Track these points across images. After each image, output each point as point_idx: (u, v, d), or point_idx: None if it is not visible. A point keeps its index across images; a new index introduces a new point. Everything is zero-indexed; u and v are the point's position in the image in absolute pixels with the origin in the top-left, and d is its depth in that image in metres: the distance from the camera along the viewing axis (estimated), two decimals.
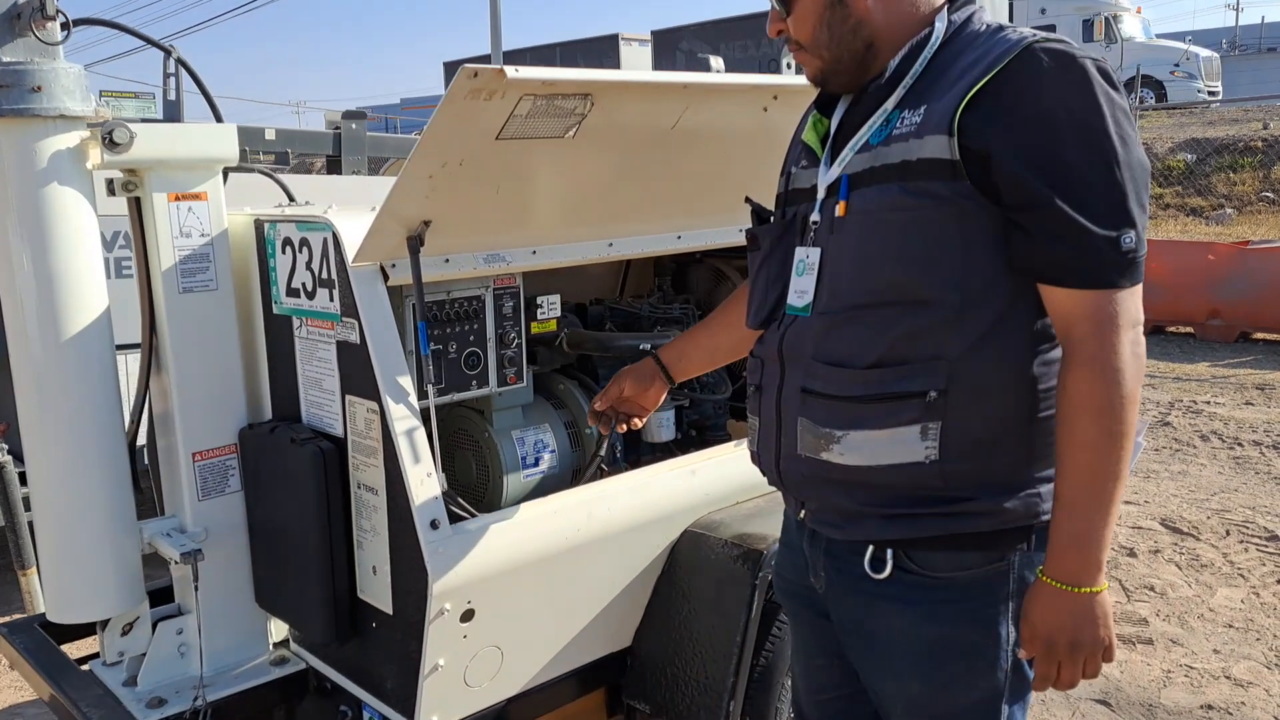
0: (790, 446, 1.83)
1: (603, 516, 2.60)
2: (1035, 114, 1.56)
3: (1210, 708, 3.79)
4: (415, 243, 2.34)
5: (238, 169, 2.73)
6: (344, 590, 2.52)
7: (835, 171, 1.79)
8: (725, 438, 3.64)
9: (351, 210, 2.52)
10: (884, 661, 1.84)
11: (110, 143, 2.39)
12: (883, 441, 1.69)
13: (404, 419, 2.34)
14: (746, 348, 2.29)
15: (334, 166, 6.25)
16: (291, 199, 3.00)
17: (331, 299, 2.44)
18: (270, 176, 3.06)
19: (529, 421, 3.14)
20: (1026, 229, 1.59)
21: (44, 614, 2.72)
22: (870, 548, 1.78)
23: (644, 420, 2.49)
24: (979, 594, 1.73)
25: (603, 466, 3.17)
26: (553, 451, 3.15)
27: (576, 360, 3.34)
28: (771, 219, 2.03)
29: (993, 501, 1.69)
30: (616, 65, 17.35)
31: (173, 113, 5.67)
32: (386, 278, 2.41)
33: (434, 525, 2.32)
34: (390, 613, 2.45)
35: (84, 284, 2.46)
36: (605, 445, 3.16)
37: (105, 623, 2.67)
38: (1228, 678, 4.00)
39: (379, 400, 2.35)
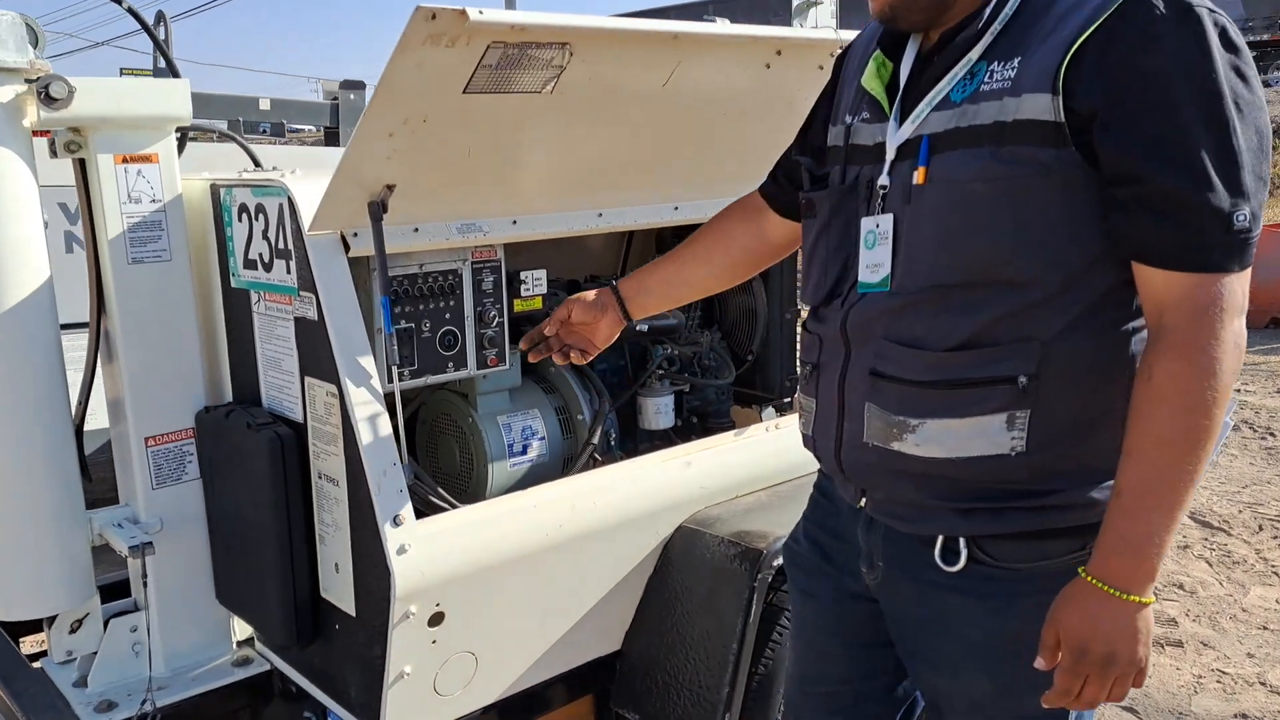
0: (855, 434, 1.69)
1: (587, 511, 2.39)
2: (1143, 72, 1.38)
3: (1244, 716, 3.55)
4: (377, 209, 2.12)
5: (192, 129, 2.51)
6: (305, 588, 2.32)
7: (908, 130, 1.61)
8: (729, 425, 3.42)
9: (315, 174, 2.30)
10: (947, 658, 1.70)
11: (47, 98, 2.18)
12: (964, 432, 1.56)
13: (365, 403, 2.13)
14: (717, 285, 2.18)
15: (332, 138, 6.04)
16: (257, 164, 2.78)
17: (289, 271, 2.23)
18: (232, 138, 2.84)
19: (516, 406, 2.92)
20: (1126, 202, 1.43)
21: None
22: (941, 539, 1.65)
23: (589, 357, 2.31)
24: (1059, 587, 1.56)
25: (596, 455, 2.96)
26: (542, 439, 2.93)
27: None
28: (828, 177, 1.81)
29: (1079, 493, 1.55)
30: None
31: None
32: (348, 248, 2.19)
33: (397, 521, 2.11)
34: (353, 614, 2.24)
35: (20, 256, 2.25)
36: (599, 433, 2.95)
37: (53, 619, 2.48)
38: (1263, 684, 3.76)
39: (338, 383, 2.13)
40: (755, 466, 2.74)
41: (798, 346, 1.93)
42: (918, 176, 1.57)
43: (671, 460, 2.60)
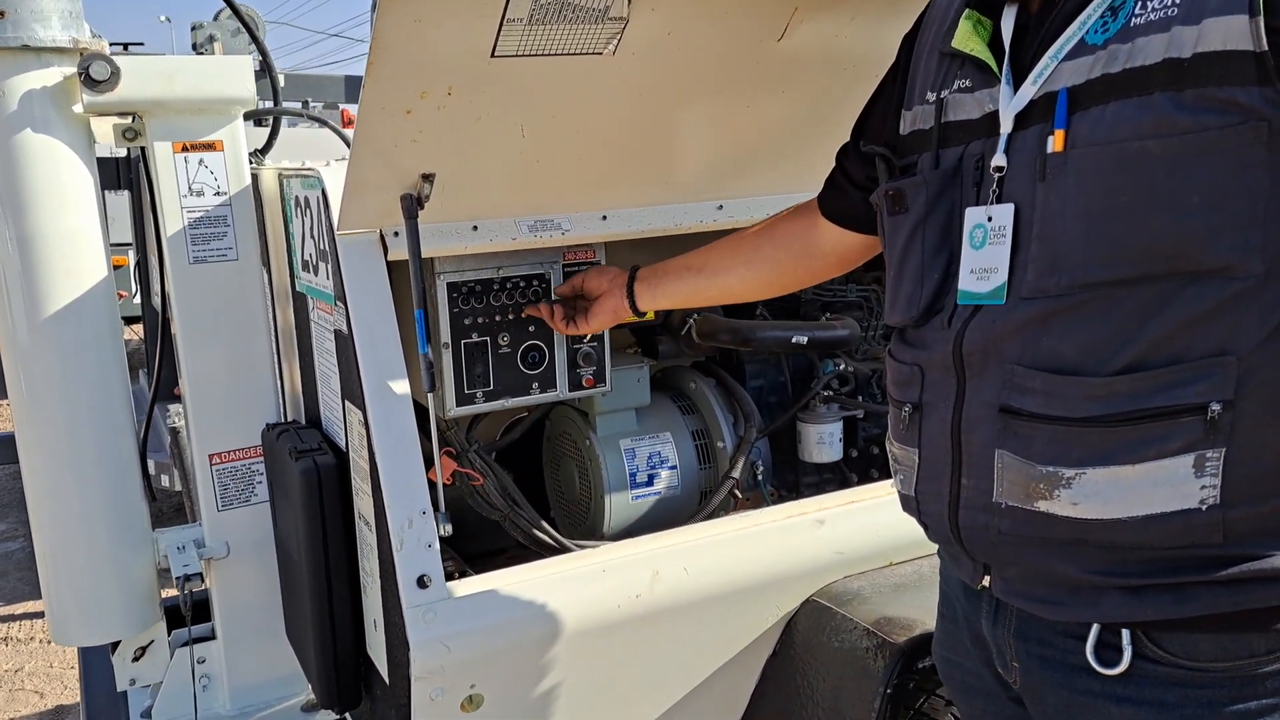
0: (980, 492, 1.34)
1: (676, 579, 1.91)
2: None
3: None
4: (411, 203, 1.74)
5: (261, 113, 2.25)
6: (348, 644, 2.00)
7: (1030, 90, 1.28)
8: None
9: None
10: None
11: (88, 79, 1.96)
12: (1137, 482, 1.21)
13: (392, 437, 1.76)
14: (751, 290, 1.90)
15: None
16: None
17: (328, 276, 1.90)
18: (323, 122, 2.57)
19: (644, 429, 2.49)
20: None
21: None
22: (1095, 629, 1.28)
23: (581, 331, 2.01)
24: (1267, 693, 1.23)
25: (737, 491, 2.48)
26: (673, 468, 2.49)
27: (717, 354, 2.64)
28: (916, 168, 1.45)
29: None
30: None
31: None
32: (387, 250, 1.83)
33: (422, 582, 1.73)
34: (387, 683, 1.90)
35: (73, 250, 2.07)
36: (741, 464, 2.46)
37: (117, 645, 2.32)
38: None
39: (364, 410, 1.78)
40: (916, 528, 2.15)
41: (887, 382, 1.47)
42: (1054, 143, 1.22)
43: (798, 516, 2.07)
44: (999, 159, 1.30)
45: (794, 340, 2.49)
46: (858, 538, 2.10)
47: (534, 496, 2.33)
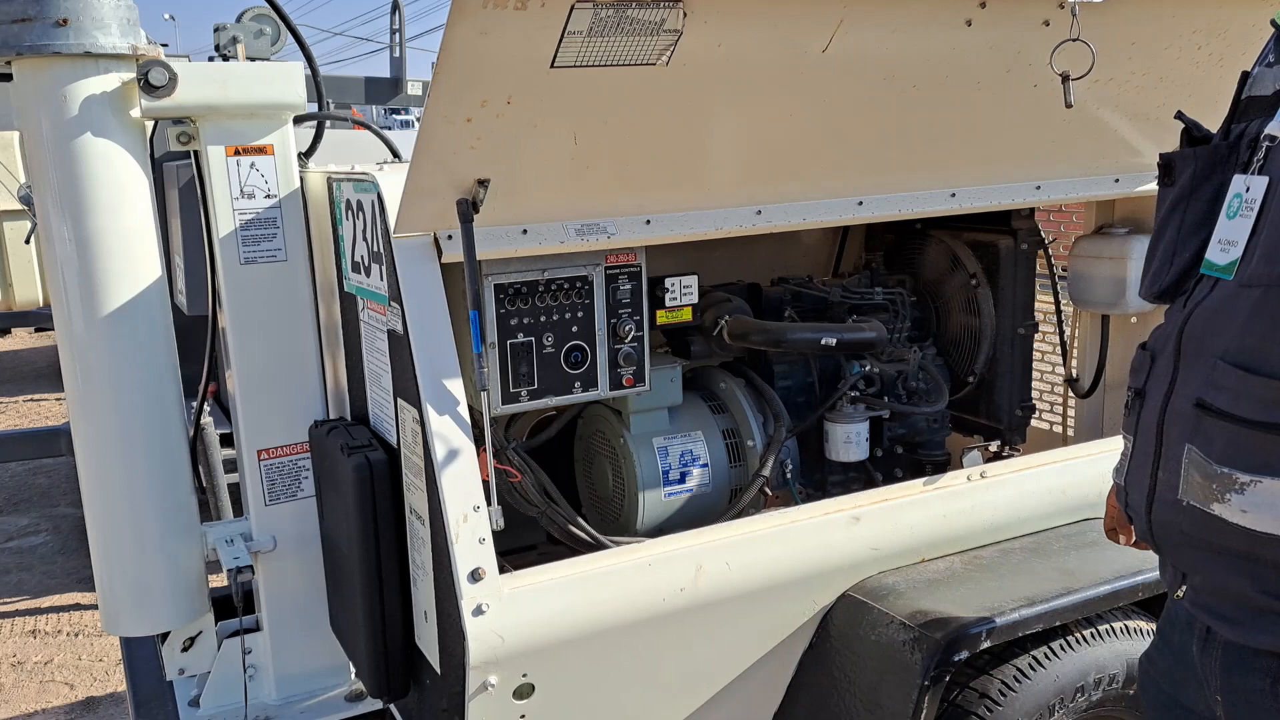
0: (1170, 488, 1.29)
1: (718, 573, 1.97)
2: None
3: None
4: (466, 208, 1.79)
5: (314, 117, 2.30)
6: (397, 636, 2.06)
7: None
8: (943, 458, 2.88)
9: None
10: None
11: (146, 85, 2.02)
12: None
13: (448, 434, 1.82)
14: None
15: None
16: (396, 156, 2.55)
17: (382, 277, 1.96)
18: (366, 126, 2.62)
19: (677, 427, 2.55)
20: None
21: None
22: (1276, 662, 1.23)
23: None
24: None
25: (767, 489, 2.53)
26: (704, 466, 2.54)
27: (746, 354, 2.69)
28: (1210, 138, 1.39)
29: None
30: None
31: (396, 70, 5.47)
32: (441, 253, 1.89)
33: (475, 576, 1.79)
34: (439, 673, 1.96)
35: (130, 247, 2.12)
36: (771, 462, 2.51)
37: (166, 635, 2.37)
38: None
39: (420, 407, 1.84)
40: (948, 525, 2.21)
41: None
42: None
43: (835, 513, 2.12)
44: (1274, 127, 1.24)
45: (823, 342, 2.54)
46: (892, 534, 2.15)
47: (563, 494, 2.38)
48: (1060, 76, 1.84)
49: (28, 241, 8.59)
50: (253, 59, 4.73)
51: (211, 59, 5.12)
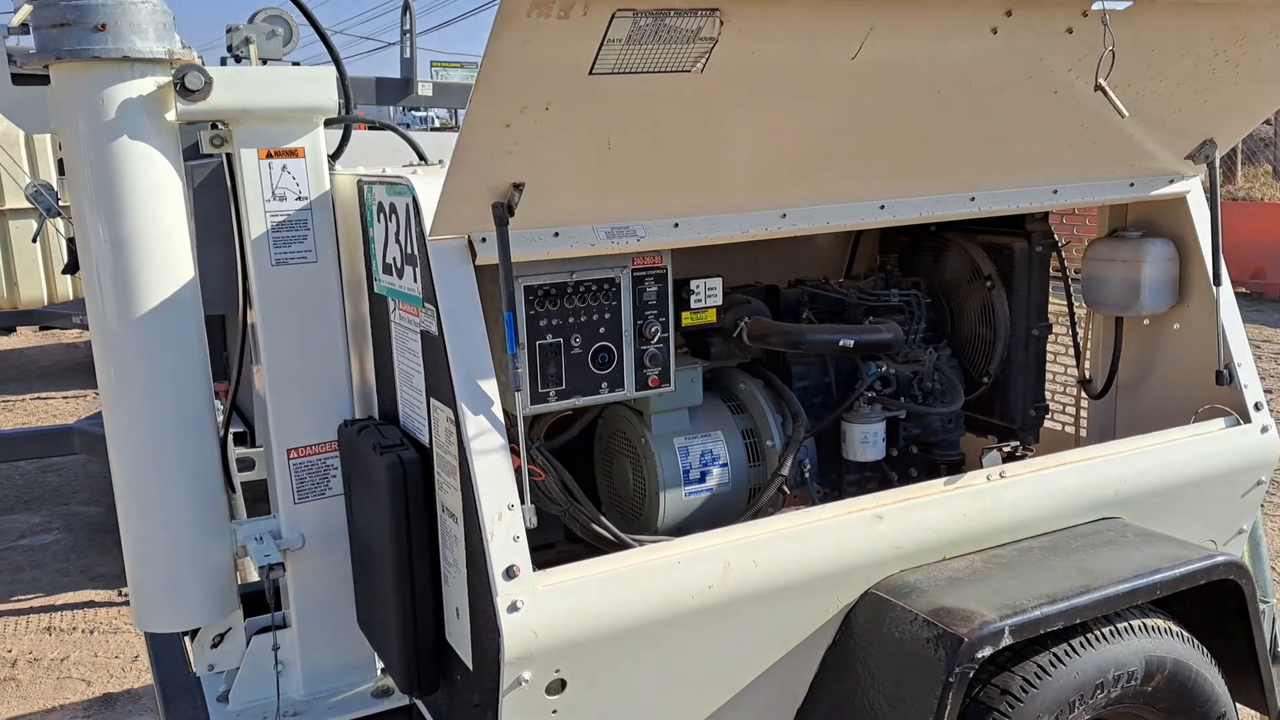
0: None
1: (746, 570, 2.00)
2: None
3: None
4: (502, 211, 1.83)
5: (340, 121, 2.33)
6: (428, 631, 2.09)
7: None
8: (957, 458, 2.91)
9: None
10: None
11: (183, 89, 2.05)
12: None
13: (483, 434, 1.85)
14: None
15: None
16: (422, 158, 2.58)
17: (415, 279, 1.99)
18: (390, 128, 2.66)
19: (697, 427, 2.58)
20: None
21: None
22: None
23: None
24: None
25: (786, 488, 2.56)
26: (724, 465, 2.57)
27: (764, 355, 2.73)
28: None
29: None
30: None
31: (407, 70, 5.50)
32: (475, 255, 1.92)
33: (510, 573, 1.82)
34: (470, 668, 1.99)
35: (166, 248, 2.15)
36: (790, 462, 2.55)
37: (194, 632, 2.40)
38: None
39: (455, 408, 1.87)
40: (968, 524, 2.24)
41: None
42: None
43: (858, 512, 2.16)
44: None
45: (841, 343, 2.57)
46: (914, 533, 2.19)
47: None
48: (1102, 89, 1.87)
49: (35, 240, 8.61)
50: (265, 60, 4.76)
51: (224, 60, 5.15)
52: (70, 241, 7.32)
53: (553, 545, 2.84)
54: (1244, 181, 16.36)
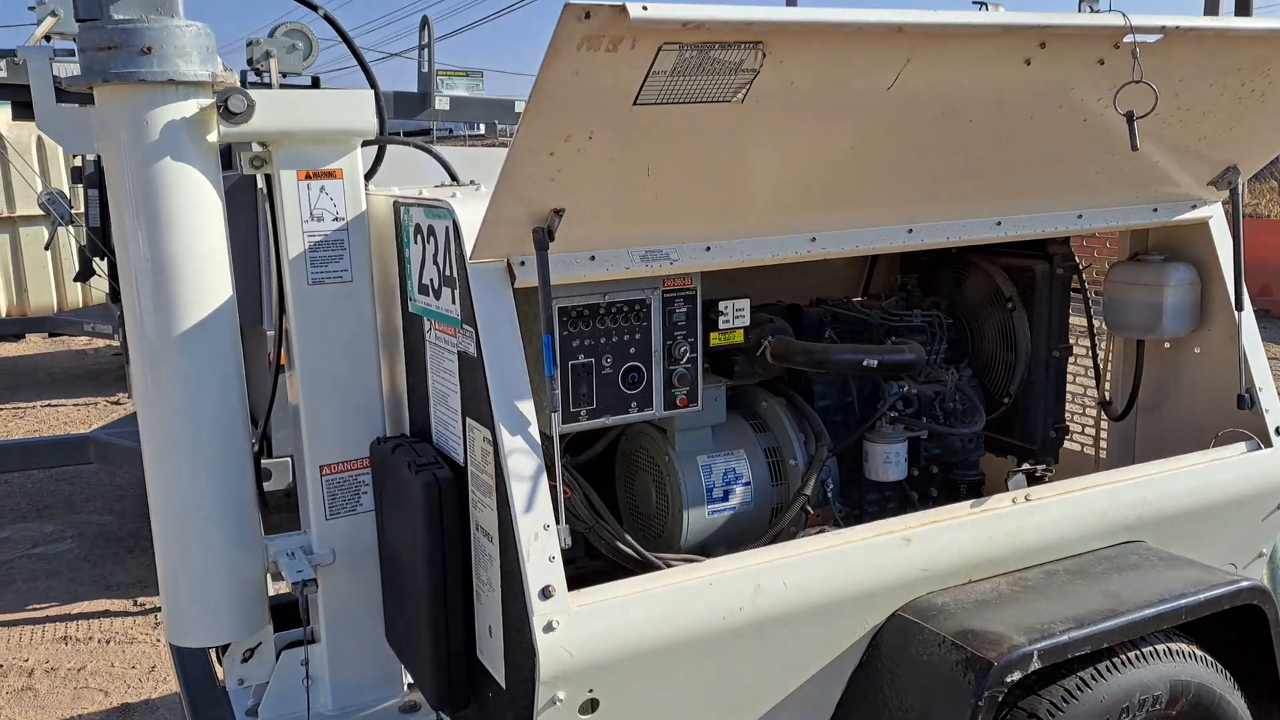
0: None
1: (776, 592, 2.02)
2: None
3: None
4: (542, 236, 1.85)
5: (378, 141, 2.36)
6: (460, 648, 2.11)
7: None
8: (977, 478, 2.94)
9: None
10: None
11: (226, 112, 2.08)
12: None
13: (520, 454, 1.88)
14: None
15: None
16: (454, 179, 2.61)
17: (454, 301, 2.02)
18: (425, 149, 2.69)
19: (720, 446, 2.60)
20: None
21: None
22: None
23: None
24: None
25: (808, 508, 2.59)
26: (747, 484, 2.60)
27: (785, 374, 2.75)
28: None
29: None
30: None
31: (425, 84, 5.53)
32: (514, 278, 1.95)
33: (546, 593, 1.85)
34: (503, 687, 2.01)
35: (204, 271, 2.18)
36: (813, 481, 2.57)
37: (226, 647, 2.42)
38: None
39: (492, 428, 1.90)
40: (995, 546, 2.27)
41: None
42: None
43: (885, 535, 2.18)
44: None
45: (865, 363, 2.59)
46: (941, 556, 2.21)
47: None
48: (1125, 118, 1.90)
49: (47, 248, 8.66)
50: (285, 74, 4.80)
51: (244, 73, 5.20)
52: (82, 250, 7.37)
53: (572, 561, 2.86)
54: (1250, 198, 16.46)
